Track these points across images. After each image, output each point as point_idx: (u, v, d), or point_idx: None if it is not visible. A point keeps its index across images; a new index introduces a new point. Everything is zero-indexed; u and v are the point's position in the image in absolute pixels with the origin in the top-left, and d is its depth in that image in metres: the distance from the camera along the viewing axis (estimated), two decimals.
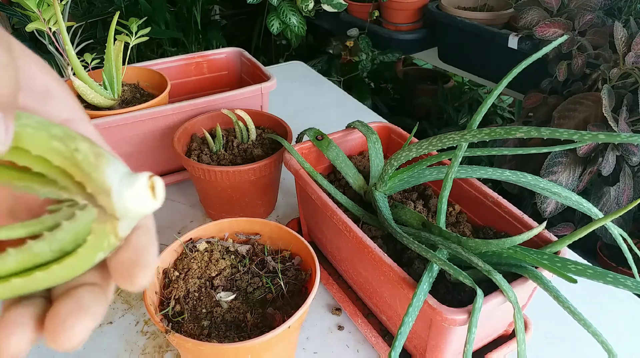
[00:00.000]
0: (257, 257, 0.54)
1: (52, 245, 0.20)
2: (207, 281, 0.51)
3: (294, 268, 0.53)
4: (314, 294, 0.46)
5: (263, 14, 1.92)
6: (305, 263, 0.53)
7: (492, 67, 1.50)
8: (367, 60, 1.75)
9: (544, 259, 0.45)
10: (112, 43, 0.73)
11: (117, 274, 0.21)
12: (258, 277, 0.52)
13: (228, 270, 0.52)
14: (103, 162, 0.20)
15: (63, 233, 0.21)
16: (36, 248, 0.20)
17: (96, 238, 0.21)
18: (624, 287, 0.41)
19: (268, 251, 0.55)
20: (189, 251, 0.53)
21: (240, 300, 0.50)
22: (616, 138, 0.39)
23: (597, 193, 1.03)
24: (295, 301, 0.49)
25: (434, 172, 0.56)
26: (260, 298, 0.50)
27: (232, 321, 0.48)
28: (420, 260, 0.52)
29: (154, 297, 0.48)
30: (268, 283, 0.51)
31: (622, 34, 0.98)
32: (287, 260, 0.54)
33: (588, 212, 0.50)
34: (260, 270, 0.53)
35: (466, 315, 0.42)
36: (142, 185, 0.20)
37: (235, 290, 0.51)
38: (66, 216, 0.21)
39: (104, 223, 0.21)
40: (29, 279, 0.20)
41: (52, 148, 0.20)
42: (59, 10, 0.63)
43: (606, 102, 0.92)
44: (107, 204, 0.20)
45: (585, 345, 0.58)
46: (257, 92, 0.80)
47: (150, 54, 1.79)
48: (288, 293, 0.50)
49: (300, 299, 0.49)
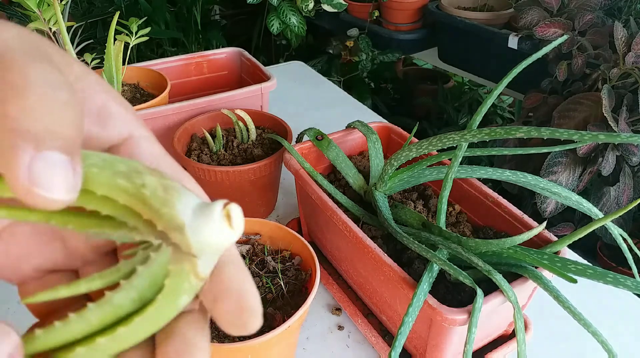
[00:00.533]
0: (257, 257, 0.54)
1: (130, 293, 0.19)
2: None
3: (294, 268, 0.53)
4: (314, 294, 0.46)
5: (263, 14, 1.92)
6: (305, 263, 0.53)
7: (492, 67, 1.50)
8: (367, 60, 1.75)
9: (544, 259, 0.45)
10: (112, 43, 0.73)
11: (226, 325, 0.19)
12: (258, 277, 0.52)
13: None
14: (174, 195, 0.18)
15: (139, 280, 0.19)
16: (115, 299, 0.18)
17: (175, 281, 0.19)
18: (624, 287, 0.41)
19: (268, 251, 0.55)
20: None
21: None
22: (616, 138, 0.39)
23: (597, 193, 1.03)
24: (296, 301, 0.50)
25: (434, 172, 0.56)
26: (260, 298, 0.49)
27: None
28: (420, 260, 0.52)
29: None
30: (268, 283, 0.51)
31: (622, 34, 0.98)
32: (287, 260, 0.54)
33: (588, 212, 0.50)
34: (260, 270, 0.53)
35: (466, 315, 0.42)
36: (218, 216, 0.19)
37: None
38: (141, 260, 0.19)
39: (181, 263, 0.19)
40: (113, 338, 0.18)
41: (117, 186, 0.18)
42: (59, 10, 0.63)
43: (606, 102, 0.92)
44: (181, 242, 0.18)
45: (585, 345, 0.58)
46: (257, 92, 0.80)
47: (150, 54, 1.79)
48: (288, 293, 0.51)
49: (300, 299, 0.50)
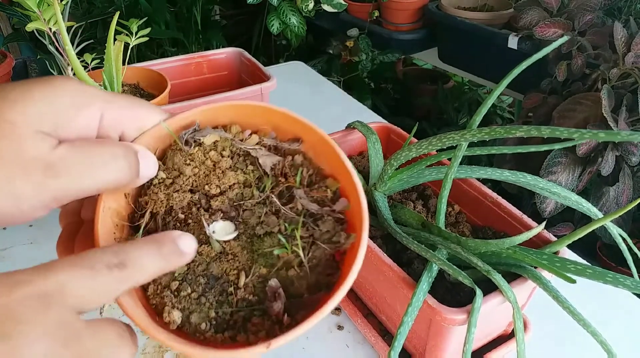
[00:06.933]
0: (286, 181, 0.34)
1: None
2: (202, 200, 0.33)
3: (334, 217, 0.32)
4: (343, 293, 0.27)
5: (263, 14, 1.92)
6: (352, 215, 0.32)
7: (492, 67, 1.50)
8: (367, 60, 1.75)
9: (543, 259, 0.45)
10: (112, 43, 0.73)
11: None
12: (276, 215, 0.32)
13: (237, 190, 0.33)
14: None
15: None
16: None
17: None
18: (624, 287, 0.41)
19: (302, 176, 0.34)
20: (184, 145, 0.32)
21: (242, 244, 0.32)
22: (616, 136, 0.39)
23: (596, 193, 1.03)
24: (315, 280, 0.30)
25: (433, 172, 0.56)
26: (269, 250, 0.31)
27: (217, 278, 0.31)
28: (420, 260, 0.52)
29: (121, 201, 0.31)
30: (287, 230, 0.32)
31: (622, 34, 0.98)
32: (326, 201, 0.33)
33: (587, 212, 0.50)
34: (284, 203, 0.33)
35: (465, 314, 0.42)
36: None
37: (238, 223, 0.32)
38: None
39: None
40: None
41: None
42: (59, 10, 0.63)
43: (606, 102, 0.92)
44: None
45: (585, 345, 0.58)
46: (257, 93, 0.80)
47: (151, 54, 1.79)
48: (311, 260, 0.31)
49: (323, 278, 0.30)
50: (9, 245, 0.70)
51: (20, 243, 0.70)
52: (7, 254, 0.69)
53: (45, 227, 0.71)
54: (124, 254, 0.25)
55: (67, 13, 0.67)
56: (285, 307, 0.29)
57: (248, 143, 0.34)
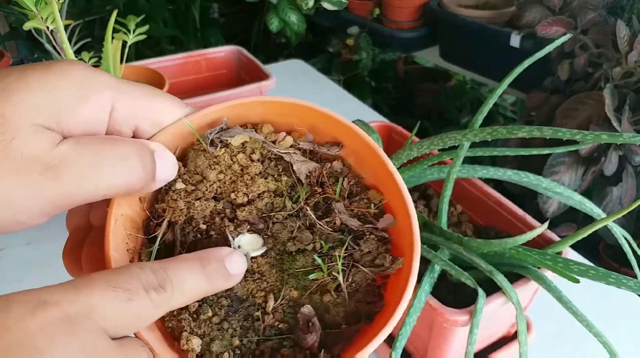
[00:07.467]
0: (322, 191, 0.29)
1: None
2: (227, 209, 0.28)
3: (377, 236, 0.28)
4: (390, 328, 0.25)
5: (262, 12, 1.91)
6: (398, 234, 0.28)
7: (494, 65, 1.49)
8: (368, 58, 1.75)
9: (547, 259, 0.44)
10: (109, 41, 0.72)
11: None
12: (310, 231, 0.28)
13: (267, 200, 0.29)
14: None
15: None
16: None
17: None
18: (627, 288, 0.40)
19: (343, 188, 0.29)
20: (209, 146, 0.28)
21: (270, 262, 0.28)
22: (619, 138, 0.38)
23: (599, 193, 1.03)
24: (354, 309, 0.27)
25: (435, 172, 0.55)
26: (302, 271, 0.27)
27: (242, 300, 0.27)
28: (422, 261, 0.51)
29: (135, 206, 0.27)
30: (324, 248, 0.28)
31: (625, 32, 0.97)
32: (369, 216, 0.29)
33: (590, 212, 0.50)
34: (319, 217, 0.28)
35: (468, 315, 0.41)
36: None
37: (267, 237, 0.28)
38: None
39: None
40: None
41: None
42: (57, 8, 0.63)
43: (609, 101, 0.91)
44: None
45: (588, 346, 0.57)
46: (256, 91, 0.79)
47: (149, 52, 1.79)
48: (350, 285, 0.27)
49: (364, 306, 0.27)
50: (4, 245, 0.69)
51: (17, 244, 0.69)
52: (4, 254, 0.68)
53: (44, 227, 0.70)
54: (163, 273, 0.22)
55: (64, 11, 0.66)
56: (320, 339, 0.25)
57: (281, 146, 0.29)
